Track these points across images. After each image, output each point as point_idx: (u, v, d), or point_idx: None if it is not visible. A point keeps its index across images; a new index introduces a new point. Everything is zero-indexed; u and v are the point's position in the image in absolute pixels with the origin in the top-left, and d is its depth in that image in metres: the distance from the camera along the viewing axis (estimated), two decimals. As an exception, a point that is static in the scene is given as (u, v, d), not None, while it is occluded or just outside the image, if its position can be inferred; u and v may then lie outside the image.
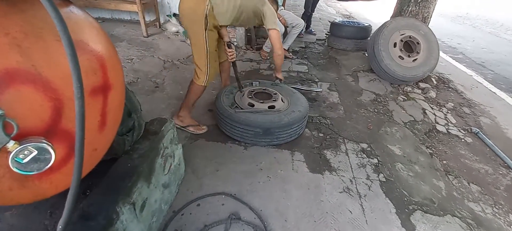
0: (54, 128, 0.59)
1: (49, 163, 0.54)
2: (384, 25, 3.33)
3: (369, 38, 4.04)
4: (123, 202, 1.07)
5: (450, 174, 1.98)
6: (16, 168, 0.51)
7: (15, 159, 0.50)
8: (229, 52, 2.09)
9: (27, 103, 0.53)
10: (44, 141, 0.54)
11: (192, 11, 1.85)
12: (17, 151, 0.49)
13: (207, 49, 1.93)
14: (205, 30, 1.88)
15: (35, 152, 0.52)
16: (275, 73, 2.50)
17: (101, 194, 1.04)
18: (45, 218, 1.03)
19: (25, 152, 0.51)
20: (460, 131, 2.52)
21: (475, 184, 1.92)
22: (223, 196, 1.61)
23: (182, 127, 2.15)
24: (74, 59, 0.48)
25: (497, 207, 1.75)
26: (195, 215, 1.49)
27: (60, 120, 0.60)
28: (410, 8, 3.53)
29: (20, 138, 0.52)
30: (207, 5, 1.83)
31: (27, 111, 0.53)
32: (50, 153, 0.54)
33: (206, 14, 1.84)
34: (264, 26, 2.12)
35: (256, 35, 4.45)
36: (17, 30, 0.52)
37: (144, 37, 4.10)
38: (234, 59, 2.18)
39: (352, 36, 4.26)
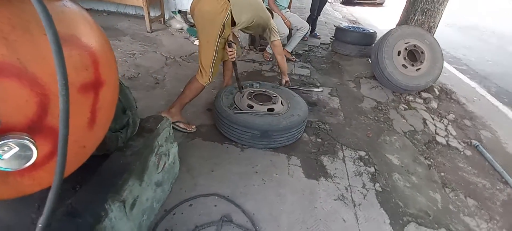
0: (39, 124, 0.58)
1: (31, 160, 0.53)
2: (389, 33, 3.31)
3: (373, 45, 4.01)
4: (112, 199, 1.06)
5: (447, 187, 1.96)
6: (-4, 164, 0.50)
7: (-5, 154, 0.49)
8: (230, 51, 2.08)
9: (11, 98, 0.52)
10: (26, 137, 0.53)
11: (211, 16, 1.86)
12: (-3, 146, 0.48)
13: (215, 54, 1.96)
14: (219, 37, 1.91)
15: (16, 148, 0.51)
16: (282, 77, 2.75)
17: (90, 191, 1.03)
18: (32, 211, 1.02)
19: (5, 148, 0.50)
20: (460, 143, 2.50)
21: (472, 198, 1.89)
22: (216, 197, 1.60)
23: (172, 122, 2.13)
24: (59, 55, 0.47)
25: (492, 222, 1.72)
26: (186, 215, 1.48)
27: (45, 116, 0.59)
28: (416, 17, 3.50)
29: (2, 133, 0.51)
30: (227, 15, 1.87)
31: (10, 107, 0.52)
32: (31, 150, 0.53)
33: (224, 23, 1.87)
34: (265, 36, 2.33)
35: (260, 36, 4.43)
36: (4, 22, 0.50)
37: (147, 32, 4.10)
38: (234, 59, 2.17)
39: (357, 42, 4.24)
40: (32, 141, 0.54)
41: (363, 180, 1.87)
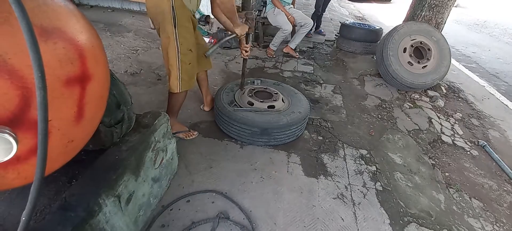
0: (21, 117, 0.57)
1: (10, 154, 0.52)
2: (395, 29, 3.24)
3: (378, 42, 3.94)
4: (106, 194, 1.06)
5: (451, 187, 1.91)
6: (-26, 157, 0.49)
7: (-28, 147, 0.48)
8: (244, 48, 1.95)
9: (-11, 90, 0.51)
10: (6, 130, 0.52)
11: (154, 5, 1.58)
12: (-27, 139, 0.48)
13: (178, 49, 1.65)
14: (174, 26, 1.59)
15: (-5, 142, 0.51)
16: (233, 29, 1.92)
17: (84, 185, 1.04)
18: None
19: (-17, 141, 0.49)
20: (466, 143, 2.43)
21: (477, 199, 1.84)
22: (214, 194, 1.59)
23: (172, 133, 2.04)
24: (34, 47, 0.46)
25: (498, 225, 1.67)
26: (183, 211, 1.47)
27: (28, 109, 0.58)
28: (423, 13, 3.42)
29: (-20, 126, 0.50)
30: None
31: (-12, 99, 0.52)
32: (11, 144, 0.52)
33: (172, 6, 1.54)
34: None
35: (264, 33, 4.40)
36: (-19, 14, 0.50)
37: (151, 28, 4.11)
38: (248, 56, 2.06)
39: (362, 38, 4.17)
40: (13, 134, 0.53)
41: (363, 179, 1.84)
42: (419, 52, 3.21)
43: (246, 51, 2.03)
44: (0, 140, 0.51)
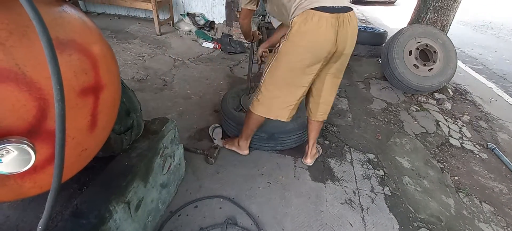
0: (39, 128, 0.59)
1: (29, 164, 0.54)
2: (400, 32, 3.23)
3: (383, 45, 3.92)
4: (117, 201, 1.07)
5: (461, 191, 1.88)
6: (-6, 167, 0.50)
7: (-7, 158, 0.50)
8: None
9: (8, 102, 0.53)
10: (25, 141, 0.54)
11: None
12: (-5, 150, 0.49)
13: None
14: None
15: (15, 153, 0.52)
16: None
17: (95, 192, 1.05)
18: (41, 211, 1.04)
19: (4, 152, 0.50)
20: (475, 146, 2.40)
21: (487, 204, 1.82)
22: (221, 200, 1.59)
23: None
24: (53, 60, 0.47)
25: (509, 229, 1.65)
26: (191, 217, 1.48)
27: (45, 120, 0.60)
28: (428, 15, 3.40)
29: (1, 137, 0.52)
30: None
31: (8, 111, 0.53)
32: (30, 154, 0.53)
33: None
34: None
35: (268, 37, 4.41)
36: (2, 28, 0.51)
37: (157, 35, 4.16)
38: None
39: (366, 41, 4.15)
40: (31, 145, 0.54)
41: (371, 184, 1.83)
42: (425, 55, 3.19)
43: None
44: (19, 150, 0.52)
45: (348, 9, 1.34)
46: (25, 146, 0.53)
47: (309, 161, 1.90)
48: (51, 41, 0.46)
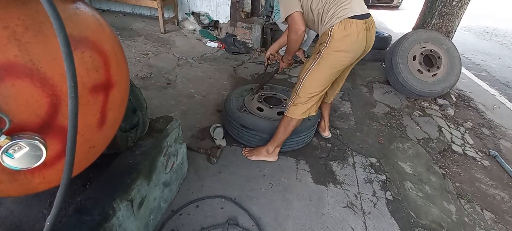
0: (50, 123, 0.59)
1: (40, 160, 0.54)
2: (404, 37, 3.23)
3: (387, 49, 3.92)
4: (120, 198, 1.08)
5: (462, 198, 1.88)
6: (6, 162, 0.51)
7: (6, 153, 0.50)
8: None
9: (22, 98, 0.53)
10: (37, 137, 0.54)
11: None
12: (7, 146, 0.49)
13: None
14: None
15: (27, 148, 0.52)
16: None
17: (99, 189, 1.05)
18: (44, 207, 1.05)
19: (16, 148, 0.51)
20: (477, 153, 2.40)
21: (488, 211, 1.81)
22: (223, 200, 1.60)
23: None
24: (69, 57, 0.47)
25: (511, 238, 1.64)
26: (193, 216, 1.48)
27: (56, 116, 0.60)
28: (433, 20, 3.40)
29: (13, 133, 0.52)
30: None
31: (21, 107, 0.53)
32: (41, 150, 0.54)
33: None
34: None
35: (272, 38, 4.42)
36: (18, 24, 0.52)
37: (161, 33, 4.16)
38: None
39: (370, 45, 4.15)
40: (43, 141, 0.55)
41: (373, 188, 1.83)
42: (429, 60, 3.19)
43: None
44: (30, 146, 0.53)
45: (370, 15, 1.57)
46: (36, 141, 0.53)
47: (327, 133, 2.25)
48: (67, 38, 0.46)
